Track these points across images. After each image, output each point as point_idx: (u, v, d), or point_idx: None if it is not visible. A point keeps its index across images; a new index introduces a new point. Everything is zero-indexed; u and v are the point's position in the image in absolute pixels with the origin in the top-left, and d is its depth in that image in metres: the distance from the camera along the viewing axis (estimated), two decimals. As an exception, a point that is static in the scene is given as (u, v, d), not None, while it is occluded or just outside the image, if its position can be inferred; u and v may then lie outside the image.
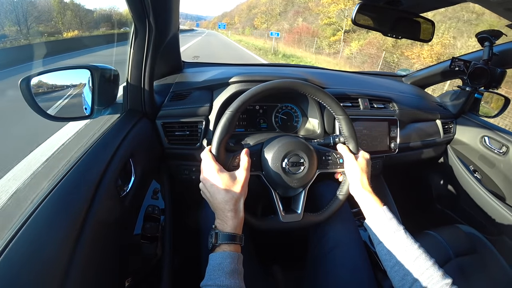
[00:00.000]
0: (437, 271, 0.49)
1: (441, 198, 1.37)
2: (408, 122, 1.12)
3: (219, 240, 0.53)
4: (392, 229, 0.56)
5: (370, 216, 0.61)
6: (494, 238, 1.03)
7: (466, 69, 1.02)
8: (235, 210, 0.55)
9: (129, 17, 0.66)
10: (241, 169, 0.59)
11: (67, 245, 0.40)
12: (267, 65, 1.68)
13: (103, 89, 0.71)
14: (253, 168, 0.64)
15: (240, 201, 0.56)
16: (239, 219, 0.55)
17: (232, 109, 0.61)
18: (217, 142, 0.60)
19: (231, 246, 0.53)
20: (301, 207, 0.66)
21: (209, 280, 0.48)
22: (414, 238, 0.55)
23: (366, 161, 0.67)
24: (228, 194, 0.55)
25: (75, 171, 0.51)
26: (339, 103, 0.68)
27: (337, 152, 0.70)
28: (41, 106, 0.60)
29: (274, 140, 0.67)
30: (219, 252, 0.52)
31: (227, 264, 0.50)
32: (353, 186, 0.65)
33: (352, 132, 0.69)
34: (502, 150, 1.11)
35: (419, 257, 0.51)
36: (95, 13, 33.66)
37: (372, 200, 0.61)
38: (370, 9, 0.83)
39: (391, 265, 0.54)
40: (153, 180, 0.82)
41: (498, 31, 0.98)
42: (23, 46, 12.93)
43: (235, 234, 0.54)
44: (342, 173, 0.70)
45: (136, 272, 0.66)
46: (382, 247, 0.57)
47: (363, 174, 0.64)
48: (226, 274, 0.48)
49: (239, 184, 0.56)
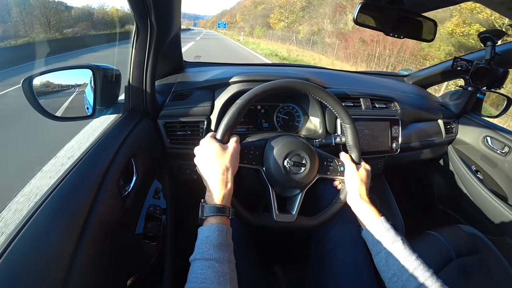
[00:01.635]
0: (435, 282, 0.49)
1: (442, 198, 1.36)
2: (410, 122, 1.12)
3: (206, 212, 0.52)
4: (390, 240, 0.56)
5: (367, 226, 0.61)
6: (496, 239, 1.03)
7: (468, 68, 1.02)
8: (223, 180, 0.55)
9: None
10: (231, 142, 0.60)
11: (68, 244, 0.40)
12: (268, 65, 1.68)
13: (105, 88, 0.71)
14: (254, 162, 0.65)
15: (229, 171, 0.56)
16: (226, 189, 0.55)
17: (243, 100, 0.60)
18: (224, 129, 0.59)
19: (218, 218, 0.52)
20: (295, 208, 0.66)
21: (198, 254, 0.48)
22: (412, 249, 0.55)
23: (367, 173, 0.67)
24: (216, 162, 0.55)
25: (77, 170, 0.51)
26: (348, 112, 0.68)
27: (339, 160, 0.70)
28: (43, 105, 0.60)
29: (279, 137, 0.67)
30: (207, 225, 0.51)
31: (215, 237, 0.49)
32: (351, 196, 0.65)
33: (356, 142, 0.69)
34: (504, 150, 1.11)
35: (417, 268, 0.52)
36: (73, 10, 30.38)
37: (369, 211, 0.61)
38: (372, 9, 0.83)
39: (389, 276, 0.54)
40: (155, 179, 0.82)
41: (500, 30, 0.97)
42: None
43: (223, 206, 0.53)
44: (341, 181, 0.70)
45: (138, 272, 0.66)
46: (380, 258, 0.57)
47: (362, 185, 0.65)
48: (215, 247, 0.48)
49: (228, 154, 0.57)
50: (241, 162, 0.61)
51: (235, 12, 60.64)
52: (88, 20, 27.27)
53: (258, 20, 36.08)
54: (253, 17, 41.05)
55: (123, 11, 37.21)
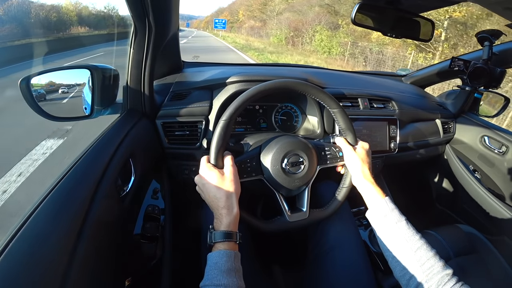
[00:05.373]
0: (438, 261, 0.50)
1: (440, 197, 1.37)
2: (408, 121, 1.12)
3: (214, 239, 0.53)
4: (394, 220, 0.56)
5: (372, 206, 0.61)
6: (494, 238, 1.03)
7: (466, 68, 1.02)
8: (228, 206, 0.55)
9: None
10: (227, 165, 0.59)
11: (67, 245, 0.40)
12: (266, 65, 1.68)
13: (103, 89, 0.71)
14: (254, 173, 0.64)
15: (232, 197, 0.56)
16: (232, 215, 0.55)
17: (225, 118, 0.59)
18: (215, 152, 0.59)
19: (226, 244, 0.53)
20: (306, 204, 0.66)
21: (207, 280, 0.49)
22: (415, 229, 0.55)
23: (366, 151, 0.67)
24: (219, 191, 0.55)
25: (75, 171, 0.51)
26: (332, 97, 0.67)
27: (336, 146, 0.70)
28: (41, 105, 0.60)
29: (271, 141, 0.66)
30: (215, 251, 0.52)
31: (223, 263, 0.50)
32: (355, 177, 0.65)
33: (348, 124, 0.68)
34: (502, 150, 1.11)
35: (420, 247, 0.52)
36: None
37: (374, 191, 0.61)
38: (370, 9, 0.83)
39: (392, 255, 0.54)
40: (153, 180, 0.82)
41: (498, 30, 0.98)
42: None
43: (230, 232, 0.54)
44: (343, 166, 0.70)
45: (136, 272, 0.66)
46: (383, 238, 0.57)
47: (364, 164, 0.64)
48: (223, 273, 0.48)
49: (228, 179, 0.57)
50: (241, 177, 0.61)
51: (236, 8, 43.42)
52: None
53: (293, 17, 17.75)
54: (276, 13, 21.99)
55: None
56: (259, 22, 27.30)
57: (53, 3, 27.66)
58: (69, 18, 23.56)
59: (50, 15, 21.29)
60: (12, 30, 14.87)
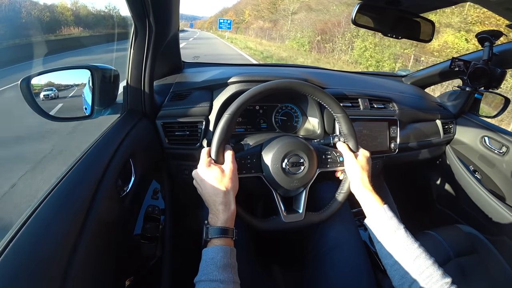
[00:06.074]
0: (436, 270, 0.49)
1: (441, 198, 1.37)
2: (408, 122, 1.12)
3: (210, 234, 0.53)
4: (393, 228, 0.56)
5: (370, 214, 0.61)
6: (494, 238, 1.03)
7: (466, 69, 1.02)
8: (225, 203, 0.55)
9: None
10: (227, 162, 0.59)
11: (67, 245, 0.40)
12: (267, 65, 1.68)
13: (103, 89, 0.71)
14: (253, 170, 0.64)
15: (230, 194, 0.56)
16: (230, 212, 0.55)
17: (230, 112, 0.60)
18: (216, 145, 0.59)
19: (222, 240, 0.53)
20: (302, 206, 0.66)
21: (202, 276, 0.48)
22: (414, 237, 0.55)
23: (366, 159, 0.67)
24: (217, 187, 0.55)
25: (75, 171, 0.51)
26: (337, 101, 0.68)
27: (337, 151, 0.70)
28: (41, 106, 0.60)
29: (273, 140, 0.67)
30: (211, 247, 0.52)
31: (219, 259, 0.50)
32: (353, 184, 0.65)
33: (351, 130, 0.68)
34: (502, 150, 1.11)
35: (419, 256, 0.52)
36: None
37: (372, 199, 0.61)
38: (370, 9, 0.83)
39: (391, 263, 0.54)
40: (153, 180, 0.82)
41: (498, 31, 0.98)
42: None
43: (226, 228, 0.54)
44: (342, 171, 0.70)
45: (136, 272, 0.66)
46: (382, 246, 0.57)
47: (364, 172, 0.64)
48: (219, 269, 0.49)
49: (227, 176, 0.57)
50: (240, 173, 0.61)
51: (241, 8, 42.14)
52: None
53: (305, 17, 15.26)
54: (291, 12, 18.65)
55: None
56: (268, 22, 24.79)
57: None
58: (64, 18, 23.63)
59: (58, 15, 21.24)
60: (12, 30, 14.88)
